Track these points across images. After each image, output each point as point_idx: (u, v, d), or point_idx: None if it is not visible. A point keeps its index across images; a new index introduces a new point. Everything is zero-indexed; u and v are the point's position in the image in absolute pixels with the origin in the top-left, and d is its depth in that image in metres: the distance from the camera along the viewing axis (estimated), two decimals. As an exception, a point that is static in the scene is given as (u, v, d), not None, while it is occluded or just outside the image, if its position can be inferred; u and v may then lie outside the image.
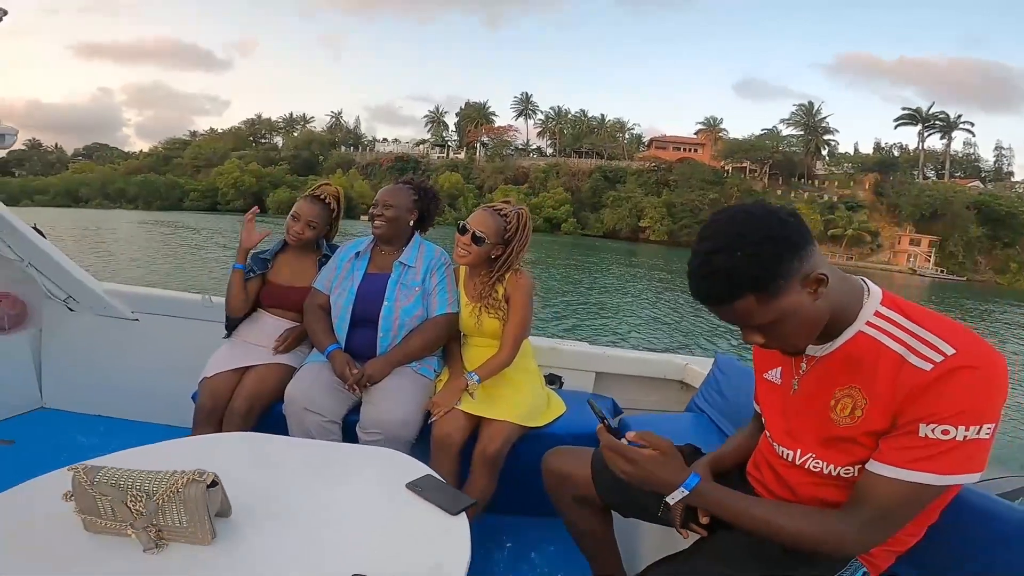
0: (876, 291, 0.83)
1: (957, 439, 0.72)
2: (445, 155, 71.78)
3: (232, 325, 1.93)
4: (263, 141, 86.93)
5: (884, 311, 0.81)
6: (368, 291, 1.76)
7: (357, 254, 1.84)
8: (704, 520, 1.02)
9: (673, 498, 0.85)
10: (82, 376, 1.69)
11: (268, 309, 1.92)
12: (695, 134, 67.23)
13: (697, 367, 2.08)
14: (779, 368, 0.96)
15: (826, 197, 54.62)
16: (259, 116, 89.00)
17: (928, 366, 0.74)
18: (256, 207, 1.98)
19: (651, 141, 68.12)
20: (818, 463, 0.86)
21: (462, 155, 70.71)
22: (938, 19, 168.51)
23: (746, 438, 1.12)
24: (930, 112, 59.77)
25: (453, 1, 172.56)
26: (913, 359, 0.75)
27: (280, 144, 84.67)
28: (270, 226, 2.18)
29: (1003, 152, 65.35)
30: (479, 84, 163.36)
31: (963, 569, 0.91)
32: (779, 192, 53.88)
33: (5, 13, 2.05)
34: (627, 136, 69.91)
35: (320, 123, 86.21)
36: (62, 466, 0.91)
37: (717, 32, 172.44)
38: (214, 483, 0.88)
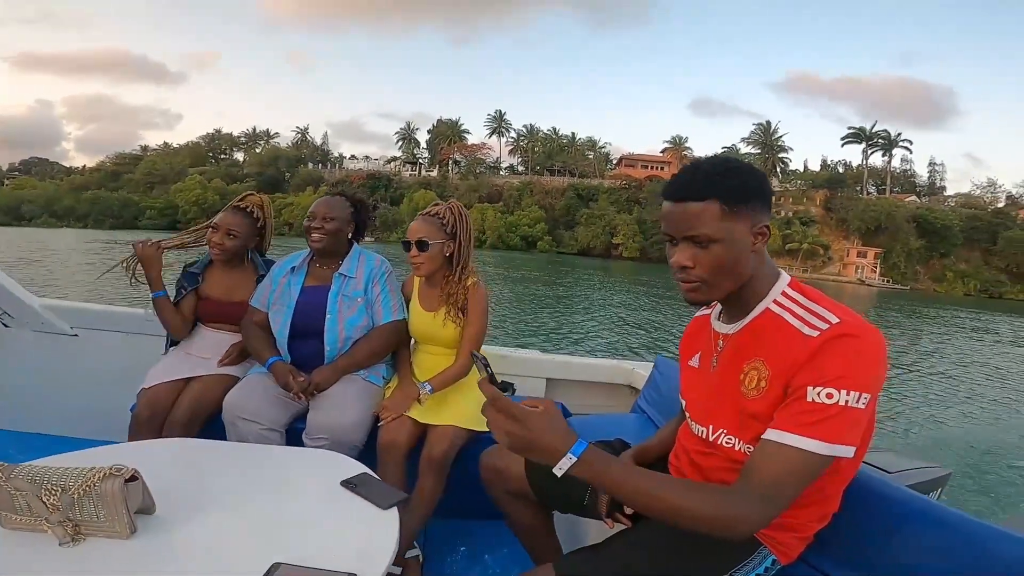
0: (785, 277, 0.92)
1: (839, 403, 0.76)
2: (417, 173, 71.63)
3: (174, 340, 1.91)
4: (223, 157, 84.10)
5: (790, 291, 0.89)
6: (308, 304, 1.76)
7: (293, 269, 1.82)
8: (629, 511, 1.06)
9: (561, 467, 0.76)
10: (18, 394, 1.64)
11: (208, 324, 1.89)
12: (662, 152, 69.94)
13: (642, 371, 2.13)
14: (699, 353, 1.02)
15: (783, 213, 58.04)
16: (218, 131, 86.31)
17: (815, 333, 0.80)
18: (148, 240, 1.84)
19: (620, 159, 70.31)
20: (730, 439, 0.90)
21: (435, 173, 70.78)
22: (870, 38, 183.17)
23: (672, 431, 1.15)
24: (873, 131, 64.31)
25: (419, 19, 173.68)
26: (804, 329, 0.82)
27: (242, 160, 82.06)
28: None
29: (936, 168, 71.01)
30: (444, 101, 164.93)
31: (869, 554, 0.95)
32: (741, 208, 56.76)
33: None
34: (597, 154, 71.93)
35: (285, 139, 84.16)
36: None
37: (672, 52, 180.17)
38: (134, 478, 0.90)
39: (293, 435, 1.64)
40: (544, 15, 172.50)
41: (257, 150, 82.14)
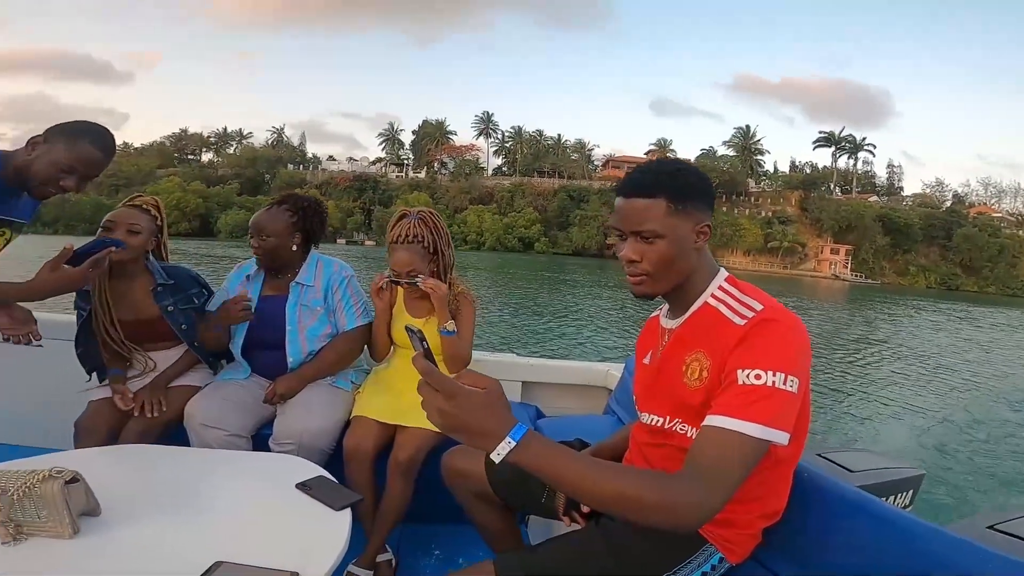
0: (724, 273, 0.96)
1: (767, 384, 0.78)
2: (404, 174, 70.76)
3: (103, 375, 1.72)
4: (191, 158, 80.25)
5: (726, 286, 0.94)
6: (266, 314, 1.71)
7: (248, 277, 1.78)
8: (586, 509, 1.06)
9: (499, 452, 0.70)
10: None
11: (141, 346, 1.73)
12: (646, 154, 72.03)
13: (615, 372, 2.13)
14: (651, 351, 1.05)
15: (763, 213, 61.13)
16: (185, 131, 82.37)
17: (742, 321, 0.86)
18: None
19: (606, 161, 71.97)
20: (683, 427, 0.92)
21: (422, 174, 70.13)
22: (809, 41, 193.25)
23: (628, 431, 1.16)
24: (841, 135, 68.50)
25: (379, 21, 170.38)
26: (735, 318, 0.87)
27: (212, 161, 78.55)
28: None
29: (895, 169, 76.08)
30: (408, 101, 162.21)
31: (821, 554, 0.95)
32: (723, 208, 59.43)
33: None
34: (583, 156, 73.21)
35: (258, 139, 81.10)
36: None
37: (630, 54, 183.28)
38: (75, 480, 0.91)
39: (260, 441, 1.62)
40: (504, 17, 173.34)
41: (229, 150, 78.80)
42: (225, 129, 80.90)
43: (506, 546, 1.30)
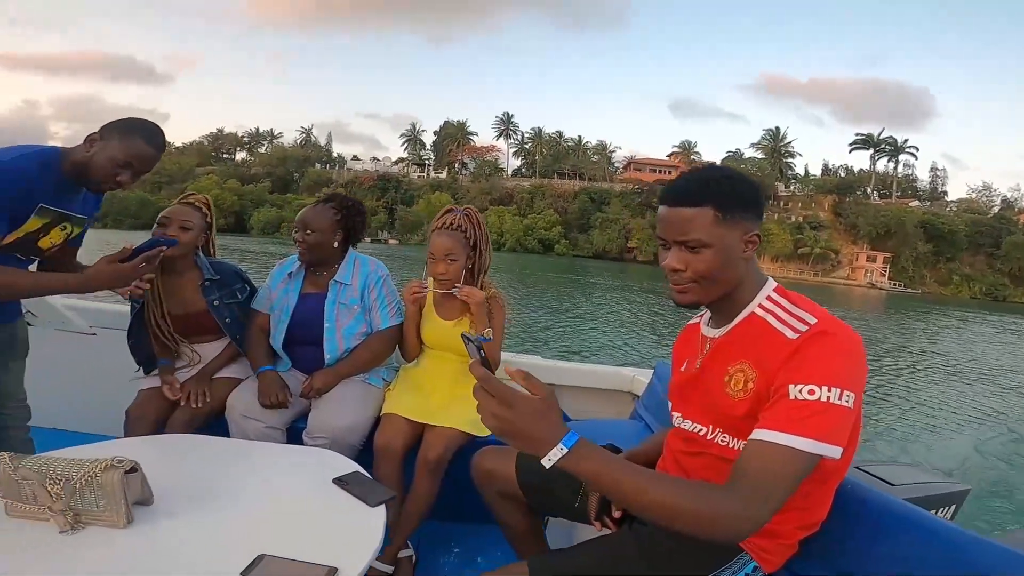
0: (772, 283, 0.94)
1: (821, 400, 0.77)
2: (426, 174, 71.48)
3: (150, 366, 1.79)
4: (225, 156, 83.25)
5: (774, 296, 0.91)
6: (305, 311, 1.77)
7: (290, 274, 1.82)
8: (617, 514, 1.07)
9: (550, 459, 0.73)
10: (39, 389, 1.63)
11: (188, 339, 1.81)
12: (668, 156, 70.67)
13: (642, 377, 2.12)
14: (687, 359, 1.04)
15: (793, 218, 58.91)
16: (221, 130, 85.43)
17: (795, 335, 0.83)
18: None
19: (628, 163, 70.92)
20: (725, 437, 0.91)
21: (444, 174, 70.69)
22: (838, 40, 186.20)
23: (662, 438, 1.16)
24: (880, 137, 65.66)
25: (399, 22, 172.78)
26: (786, 331, 0.85)
27: (246, 159, 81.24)
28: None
29: (938, 173, 72.57)
30: (426, 102, 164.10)
31: (857, 564, 0.93)
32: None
33: None
34: (604, 158, 72.31)
35: (287, 139, 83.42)
36: None
37: (650, 55, 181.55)
38: (134, 470, 0.94)
39: (294, 434, 1.68)
40: (520, 17, 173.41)
41: (261, 149, 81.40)
42: (257, 129, 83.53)
43: (529, 546, 1.32)
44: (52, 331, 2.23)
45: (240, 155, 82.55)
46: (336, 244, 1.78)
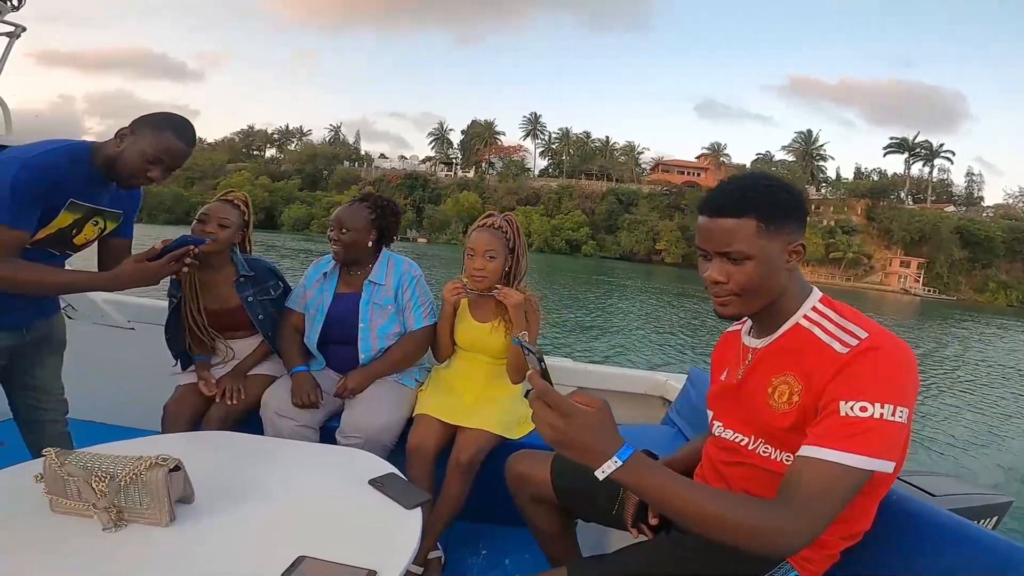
0: (817, 293, 0.92)
1: (874, 417, 0.75)
2: (453, 173, 71.98)
3: (186, 361, 1.83)
4: (255, 153, 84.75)
5: (820, 307, 0.89)
6: (340, 312, 1.77)
7: (324, 274, 1.83)
8: (653, 521, 1.07)
9: (604, 471, 0.74)
10: (78, 383, 1.64)
11: (222, 334, 1.83)
12: (696, 158, 70.19)
13: (675, 382, 2.11)
14: (727, 368, 1.03)
15: (824, 222, 58.06)
16: (251, 127, 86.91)
17: (845, 349, 0.81)
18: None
19: (656, 164, 70.59)
20: (767, 448, 0.90)
21: (471, 174, 71.10)
22: (867, 43, 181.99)
23: (698, 446, 1.15)
24: (915, 141, 63.97)
25: (424, 21, 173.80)
26: (834, 344, 0.83)
27: (275, 156, 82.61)
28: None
29: (974, 178, 70.49)
30: (451, 101, 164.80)
31: (898, 571, 0.92)
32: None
33: (24, 30, 2.16)
34: (632, 159, 72.03)
35: (316, 136, 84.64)
36: None
37: (676, 56, 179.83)
38: (177, 468, 0.94)
39: (327, 433, 1.68)
40: (545, 17, 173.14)
41: (290, 147, 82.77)
42: (287, 126, 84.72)
43: (560, 551, 1.32)
44: (91, 325, 2.27)
45: (269, 152, 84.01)
46: (370, 243, 1.78)
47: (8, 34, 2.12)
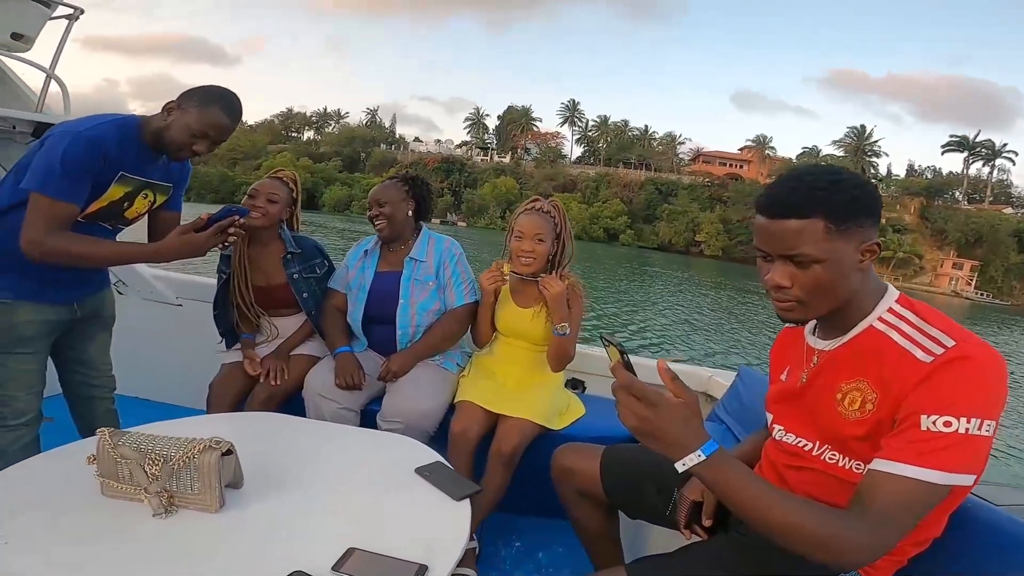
0: (893, 292, 0.85)
1: (959, 432, 0.71)
2: (489, 158, 71.93)
3: (231, 338, 1.85)
4: (294, 135, 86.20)
5: (897, 308, 0.83)
6: (381, 290, 1.76)
7: (366, 252, 1.83)
8: (707, 523, 1.04)
9: (685, 463, 0.73)
10: (126, 358, 1.65)
11: (267, 311, 1.85)
12: (739, 150, 68.42)
13: (721, 379, 2.05)
14: (789, 367, 0.98)
15: (875, 219, 56.02)
16: (290, 110, 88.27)
17: (929, 358, 0.75)
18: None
19: (697, 156, 69.09)
20: (834, 455, 0.86)
21: (507, 159, 70.94)
22: (916, 38, 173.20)
23: (754, 444, 1.12)
24: (976, 140, 61.12)
25: (456, 6, 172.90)
26: (916, 352, 0.76)
27: (313, 138, 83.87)
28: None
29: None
30: (482, 87, 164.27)
31: None
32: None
33: (82, 12, 2.17)
34: (672, 149, 70.71)
35: (352, 119, 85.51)
36: None
37: (711, 45, 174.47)
38: (229, 452, 0.92)
39: (367, 416, 1.67)
40: (577, 4, 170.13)
41: (328, 129, 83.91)
42: (325, 109, 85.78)
43: (603, 547, 1.30)
44: (140, 300, 2.30)
45: (308, 134, 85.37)
46: (409, 213, 1.79)
47: (67, 16, 2.17)
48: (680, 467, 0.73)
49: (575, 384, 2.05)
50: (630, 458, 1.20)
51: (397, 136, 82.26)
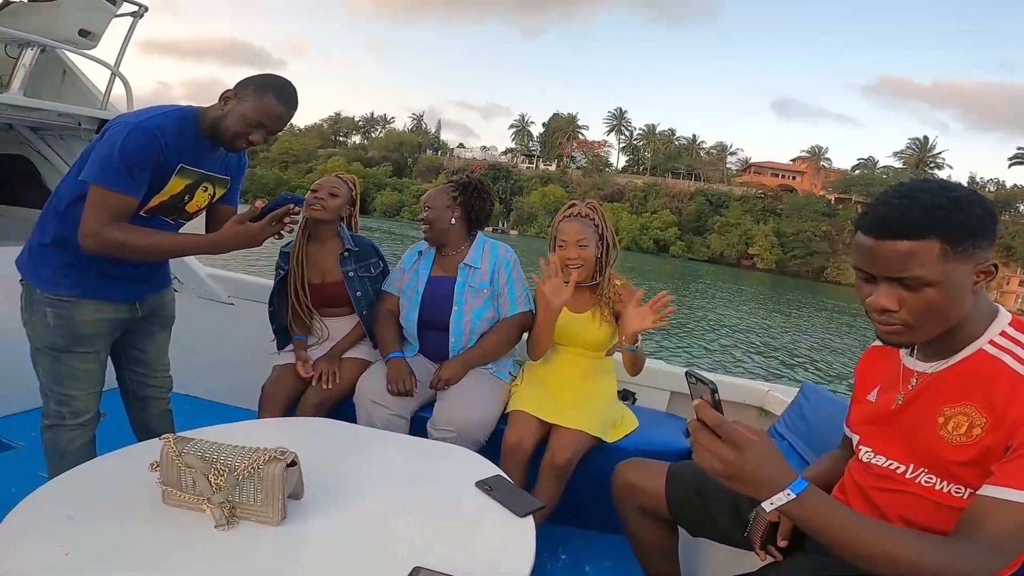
0: (1005, 315, 0.81)
1: None
2: (534, 166, 72.43)
3: (284, 340, 1.86)
4: (341, 139, 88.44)
5: (1011, 332, 0.79)
6: (434, 295, 1.74)
7: (420, 253, 1.83)
8: (782, 543, 1.01)
9: (773, 503, 0.71)
10: (179, 356, 1.64)
11: (319, 311, 1.85)
12: (791, 161, 67.18)
13: (779, 394, 1.98)
14: (879, 387, 0.94)
15: (935, 235, 54.21)
16: (339, 114, 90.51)
17: None
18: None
19: (748, 166, 68.12)
20: (931, 478, 0.82)
21: (553, 167, 71.31)
22: (963, 46, 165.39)
23: (836, 460, 1.09)
24: (1047, 152, 58.89)
25: (490, 12, 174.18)
26: None
27: (360, 143, 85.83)
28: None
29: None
30: (518, 93, 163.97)
31: None
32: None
33: (146, 10, 2.16)
34: (722, 159, 69.86)
35: (397, 124, 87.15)
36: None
37: (749, 52, 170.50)
38: (293, 463, 0.90)
39: (417, 422, 1.64)
40: (612, 10, 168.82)
41: (374, 134, 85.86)
42: (372, 114, 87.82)
43: (661, 565, 1.28)
44: (194, 298, 2.33)
45: (355, 139, 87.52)
46: (453, 221, 1.75)
47: (132, 14, 2.20)
48: (767, 506, 0.72)
49: (625, 395, 2.02)
50: (697, 476, 1.17)
51: (442, 142, 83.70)
